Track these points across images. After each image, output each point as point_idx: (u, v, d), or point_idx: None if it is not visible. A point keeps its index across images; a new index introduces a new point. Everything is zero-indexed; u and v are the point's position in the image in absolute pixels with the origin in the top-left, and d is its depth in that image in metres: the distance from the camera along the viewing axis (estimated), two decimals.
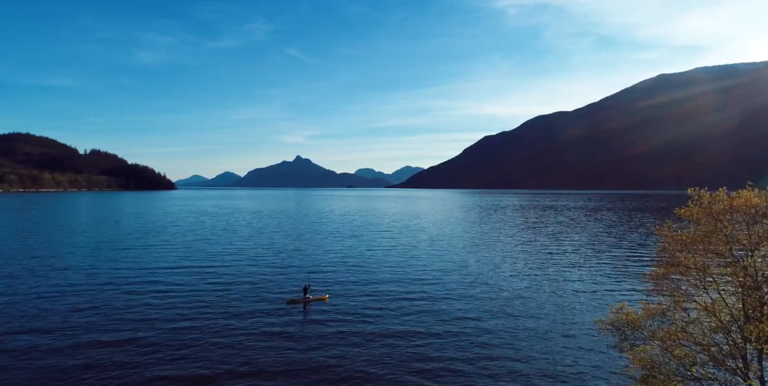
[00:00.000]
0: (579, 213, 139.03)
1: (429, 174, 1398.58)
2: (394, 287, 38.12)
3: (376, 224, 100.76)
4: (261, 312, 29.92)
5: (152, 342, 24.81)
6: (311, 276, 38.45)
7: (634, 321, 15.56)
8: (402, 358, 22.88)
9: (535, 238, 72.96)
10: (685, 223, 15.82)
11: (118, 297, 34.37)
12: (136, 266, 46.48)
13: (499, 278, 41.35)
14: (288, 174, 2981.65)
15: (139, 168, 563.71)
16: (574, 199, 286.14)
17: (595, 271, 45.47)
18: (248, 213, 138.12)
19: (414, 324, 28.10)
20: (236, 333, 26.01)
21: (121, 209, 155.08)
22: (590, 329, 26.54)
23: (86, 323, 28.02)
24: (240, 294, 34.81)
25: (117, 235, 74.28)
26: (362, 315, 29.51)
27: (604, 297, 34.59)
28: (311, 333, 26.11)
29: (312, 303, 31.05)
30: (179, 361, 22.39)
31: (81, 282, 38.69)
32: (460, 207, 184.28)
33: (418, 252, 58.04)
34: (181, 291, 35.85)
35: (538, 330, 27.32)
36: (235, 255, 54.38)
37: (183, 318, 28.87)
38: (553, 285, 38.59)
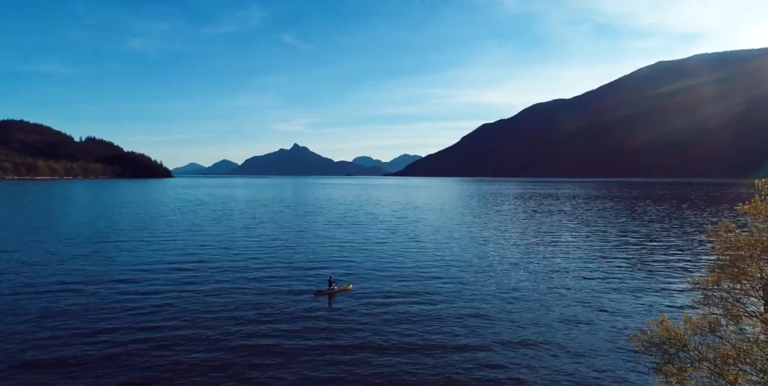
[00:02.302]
0: (581, 202, 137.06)
1: (427, 162, 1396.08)
2: (410, 273, 39.32)
3: (378, 213, 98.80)
4: (291, 304, 29.79)
5: (177, 332, 24.59)
6: (332, 267, 39.32)
7: (678, 338, 13.42)
8: (428, 344, 23.34)
9: (542, 227, 70.91)
10: (733, 219, 13.62)
11: (140, 288, 33.26)
12: (151, 259, 44.69)
13: (514, 271, 39.31)
14: (285, 162, 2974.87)
15: (135, 156, 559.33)
16: (574, 187, 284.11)
17: (610, 264, 43.38)
18: (246, 202, 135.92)
19: (435, 309, 29.13)
20: (267, 324, 26.08)
21: (125, 198, 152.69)
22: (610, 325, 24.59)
23: (111, 314, 27.58)
24: (262, 287, 34.11)
25: (128, 223, 72.10)
26: (385, 303, 30.10)
27: (621, 293, 32.54)
28: (340, 322, 26.39)
29: (337, 293, 31.56)
30: (207, 351, 22.29)
31: (99, 272, 36.62)
32: (461, 196, 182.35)
33: (428, 241, 57.29)
34: (202, 283, 35.18)
35: (569, 321, 26.09)
36: (246, 247, 52.55)
37: (209, 311, 28.36)
38: (571, 274, 36.61)
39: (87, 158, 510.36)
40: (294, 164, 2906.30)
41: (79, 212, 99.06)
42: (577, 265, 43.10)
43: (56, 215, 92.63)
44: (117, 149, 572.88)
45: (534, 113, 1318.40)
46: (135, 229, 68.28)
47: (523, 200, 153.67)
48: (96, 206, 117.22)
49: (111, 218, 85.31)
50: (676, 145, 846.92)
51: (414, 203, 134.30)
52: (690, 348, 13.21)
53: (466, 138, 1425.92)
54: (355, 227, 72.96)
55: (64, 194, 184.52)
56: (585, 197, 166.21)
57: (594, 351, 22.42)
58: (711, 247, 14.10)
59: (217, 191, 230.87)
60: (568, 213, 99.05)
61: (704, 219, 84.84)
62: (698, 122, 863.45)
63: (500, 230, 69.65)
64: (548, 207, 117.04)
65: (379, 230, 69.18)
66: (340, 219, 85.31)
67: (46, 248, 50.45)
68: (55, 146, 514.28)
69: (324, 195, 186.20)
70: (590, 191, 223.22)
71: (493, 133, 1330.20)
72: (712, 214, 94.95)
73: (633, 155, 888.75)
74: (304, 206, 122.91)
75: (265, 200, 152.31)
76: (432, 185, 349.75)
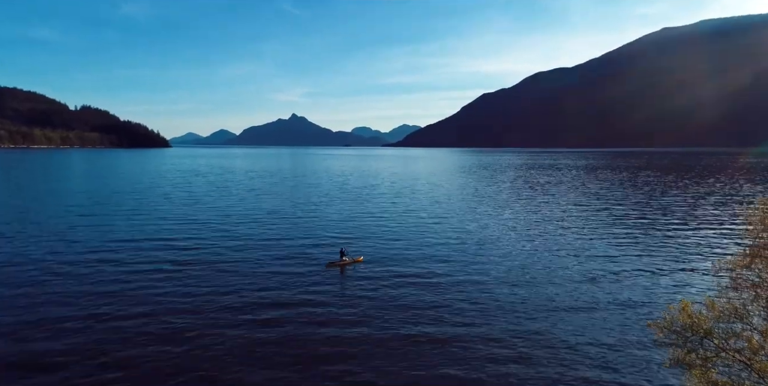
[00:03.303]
0: (582, 173, 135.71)
1: (426, 133, 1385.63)
2: (417, 245, 39.15)
3: (378, 185, 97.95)
4: (303, 275, 29.78)
5: (192, 303, 24.43)
6: (339, 240, 39.53)
7: (702, 325, 12.56)
8: (437, 313, 23.60)
9: (546, 199, 69.94)
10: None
11: (142, 262, 32.39)
12: (150, 231, 43.56)
13: (519, 244, 38.57)
14: (284, 132, 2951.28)
15: (131, 125, 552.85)
16: (575, 158, 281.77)
17: (622, 240, 42.23)
18: (244, 173, 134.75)
19: (443, 277, 29.64)
20: (278, 297, 25.78)
21: (123, 168, 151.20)
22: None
23: (125, 287, 26.97)
24: (268, 260, 33.73)
25: (126, 194, 71.09)
26: (396, 274, 30.17)
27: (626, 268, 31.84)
28: (353, 294, 26.45)
29: (348, 265, 31.78)
30: (215, 326, 21.77)
31: (94, 245, 35.86)
32: (461, 167, 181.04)
33: (432, 213, 56.69)
34: (208, 256, 34.64)
35: (582, 301, 24.94)
36: (248, 219, 51.60)
37: (216, 285, 27.89)
38: (580, 248, 35.91)
39: (82, 127, 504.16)
40: (292, 134, 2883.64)
41: (75, 183, 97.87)
42: (586, 240, 41.77)
43: (52, 185, 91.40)
44: (113, 118, 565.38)
45: (535, 82, 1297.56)
46: (133, 200, 67.29)
47: (525, 171, 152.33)
48: (93, 177, 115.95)
49: (108, 188, 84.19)
50: (678, 114, 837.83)
51: (414, 175, 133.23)
52: (714, 336, 12.39)
53: (466, 108, 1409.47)
54: (356, 199, 72.03)
55: (61, 163, 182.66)
56: (587, 168, 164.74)
57: (608, 337, 20.67)
58: (746, 228, 13.03)
59: (216, 161, 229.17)
60: (571, 184, 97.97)
61: (717, 190, 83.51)
62: (702, 92, 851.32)
63: (503, 202, 68.75)
64: (550, 178, 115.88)
65: (381, 202, 68.28)
66: (341, 191, 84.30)
67: (35, 220, 49.40)
68: (50, 114, 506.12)
69: (323, 166, 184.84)
70: (591, 162, 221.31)
71: (494, 102, 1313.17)
72: (725, 184, 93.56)
73: (634, 125, 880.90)
74: (303, 177, 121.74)
75: (263, 171, 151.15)
76: (432, 156, 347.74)
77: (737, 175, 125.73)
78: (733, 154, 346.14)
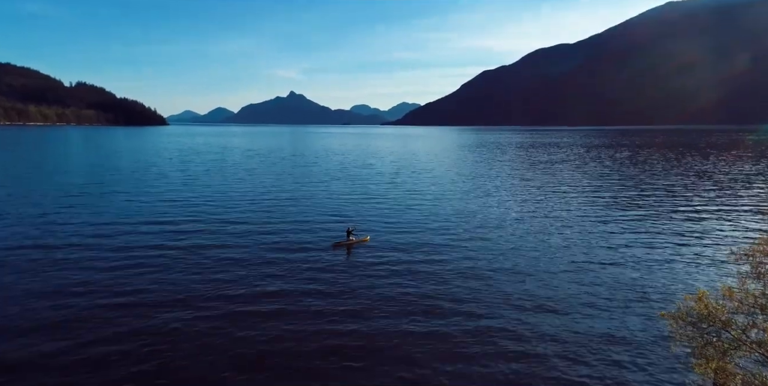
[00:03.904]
0: (583, 151, 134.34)
1: (426, 111, 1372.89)
2: (422, 224, 39.10)
3: (379, 164, 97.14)
4: (310, 254, 29.80)
5: (196, 284, 24.38)
6: (346, 217, 39.71)
7: (720, 316, 12.06)
8: (445, 293, 23.71)
9: (550, 178, 69.18)
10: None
11: (146, 242, 31.94)
12: (151, 212, 42.97)
13: (522, 223, 38.09)
14: (282, 110, 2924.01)
15: (128, 102, 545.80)
16: (577, 136, 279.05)
17: (630, 224, 41.07)
18: (242, 152, 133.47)
19: (451, 259, 29.49)
20: (288, 273, 26.13)
21: (120, 146, 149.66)
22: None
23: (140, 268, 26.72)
24: (273, 240, 33.44)
25: (124, 173, 70.28)
26: (403, 253, 30.28)
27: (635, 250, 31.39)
28: (361, 273, 26.59)
29: (355, 244, 31.80)
30: (223, 306, 21.78)
31: (90, 226, 35.27)
32: (462, 146, 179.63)
33: (434, 193, 56.14)
34: (212, 237, 34.30)
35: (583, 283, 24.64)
36: (249, 199, 51.00)
37: (221, 265, 27.80)
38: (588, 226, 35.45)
39: (78, 104, 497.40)
40: (291, 112, 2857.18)
41: (70, 161, 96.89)
42: (592, 221, 41.09)
43: (47, 163, 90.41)
44: (108, 95, 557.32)
45: (536, 58, 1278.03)
46: (129, 180, 66.55)
47: (525, 149, 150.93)
48: (89, 155, 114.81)
49: (104, 167, 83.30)
50: (680, 91, 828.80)
51: (415, 154, 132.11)
52: (733, 327, 11.92)
53: (467, 85, 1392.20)
54: (357, 178, 71.28)
55: (58, 141, 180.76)
56: (589, 146, 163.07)
57: (617, 328, 19.69)
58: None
59: (214, 139, 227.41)
60: (574, 163, 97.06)
61: (727, 169, 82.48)
62: (704, 69, 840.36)
63: (504, 181, 68.09)
64: (551, 157, 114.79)
65: (382, 181, 67.61)
66: (341, 170, 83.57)
67: (29, 200, 48.61)
68: (45, 90, 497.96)
69: (322, 145, 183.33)
70: (593, 140, 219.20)
71: (494, 80, 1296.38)
72: (734, 163, 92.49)
73: (636, 103, 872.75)
74: (303, 156, 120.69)
75: (262, 150, 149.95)
76: (431, 135, 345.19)
77: (745, 154, 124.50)
78: (739, 131, 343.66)
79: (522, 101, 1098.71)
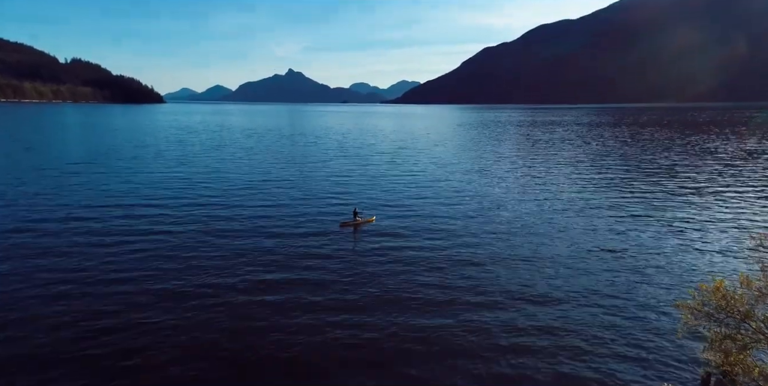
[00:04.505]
0: (584, 129, 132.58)
1: (426, 89, 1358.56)
2: (426, 203, 39.22)
3: (379, 143, 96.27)
4: (317, 234, 29.84)
5: (204, 263, 24.44)
6: (348, 196, 39.80)
7: (738, 307, 11.49)
8: (450, 272, 23.90)
9: (554, 158, 68.23)
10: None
11: (143, 224, 31.36)
12: (154, 192, 42.41)
13: (524, 203, 37.46)
14: (280, 88, 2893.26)
15: (124, 80, 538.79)
16: (579, 114, 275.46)
17: (640, 207, 39.79)
18: (240, 131, 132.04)
19: (455, 238, 29.56)
20: (296, 257, 25.76)
21: (117, 124, 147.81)
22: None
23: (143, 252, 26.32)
24: (281, 220, 33.35)
25: (121, 152, 69.26)
26: (407, 233, 30.50)
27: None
28: (366, 251, 26.90)
29: (362, 225, 32.11)
30: (238, 277, 22.49)
31: (87, 207, 34.68)
32: (463, 125, 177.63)
33: (436, 172, 55.77)
34: (216, 218, 33.88)
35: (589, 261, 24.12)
36: (248, 179, 50.36)
37: (226, 245, 27.67)
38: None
39: (74, 80, 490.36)
40: (289, 90, 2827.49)
41: (65, 139, 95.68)
42: (598, 202, 40.23)
43: (43, 141, 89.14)
44: (104, 72, 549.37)
45: (539, 35, 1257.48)
46: (126, 159, 65.58)
47: (527, 128, 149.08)
48: (85, 133, 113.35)
49: (100, 146, 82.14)
50: (684, 66, 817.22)
51: (415, 133, 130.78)
52: (753, 319, 11.36)
53: (467, 63, 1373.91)
54: (358, 158, 70.35)
55: (53, 118, 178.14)
56: (592, 125, 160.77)
57: (629, 320, 18.61)
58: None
59: (212, 118, 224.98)
60: (576, 142, 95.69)
61: (735, 148, 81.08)
62: (709, 42, 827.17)
63: (506, 160, 67.18)
64: (552, 135, 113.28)
65: (383, 161, 66.86)
66: (341, 150, 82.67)
67: (23, 179, 47.75)
68: (39, 67, 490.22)
69: (321, 124, 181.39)
70: (594, 118, 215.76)
71: (496, 57, 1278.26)
72: (743, 140, 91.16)
73: (641, 78, 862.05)
74: (302, 136, 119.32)
75: (261, 128, 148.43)
76: (432, 114, 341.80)
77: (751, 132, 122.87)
78: (742, 109, 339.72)
79: (523, 79, 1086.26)
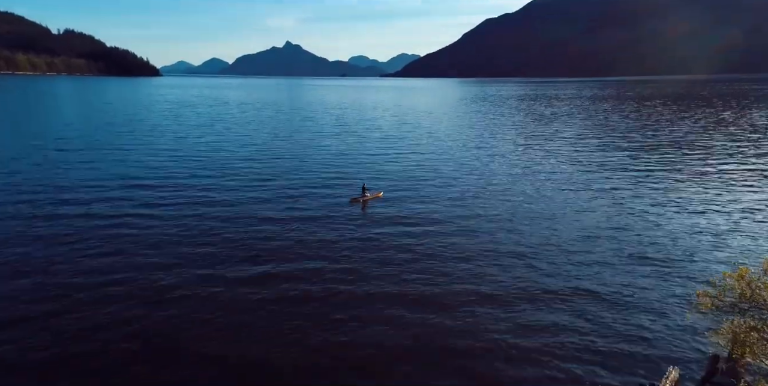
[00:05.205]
0: (587, 103, 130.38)
1: (426, 62, 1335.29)
2: (431, 179, 39.24)
3: (378, 118, 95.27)
4: (328, 210, 30.11)
5: (219, 235, 24.66)
6: (357, 175, 39.71)
7: (763, 296, 10.90)
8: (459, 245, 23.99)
9: (557, 133, 66.99)
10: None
11: (140, 203, 30.75)
12: (183, 166, 42.66)
13: (529, 182, 37.01)
14: (278, 61, 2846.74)
15: (119, 52, 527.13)
16: (583, 88, 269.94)
17: (654, 185, 37.59)
18: (237, 106, 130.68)
19: (462, 212, 29.79)
20: (310, 233, 25.80)
21: (112, 98, 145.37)
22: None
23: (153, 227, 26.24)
24: (289, 197, 33.37)
25: (119, 126, 68.09)
26: (413, 208, 30.64)
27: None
28: (375, 226, 27.07)
29: (370, 200, 32.64)
30: (247, 251, 22.65)
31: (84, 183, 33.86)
32: (465, 99, 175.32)
33: (440, 148, 55.28)
34: (223, 192, 34.06)
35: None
36: (258, 154, 50.11)
37: (236, 220, 27.74)
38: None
39: (67, 52, 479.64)
40: (287, 63, 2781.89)
41: (59, 114, 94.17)
42: (605, 180, 39.05)
43: (36, 115, 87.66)
44: (99, 43, 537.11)
45: (542, 6, 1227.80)
46: (121, 134, 64.60)
47: (528, 102, 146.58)
48: (78, 107, 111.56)
49: (94, 120, 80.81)
50: (688, 39, 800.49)
51: (417, 108, 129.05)
52: None
53: (469, 35, 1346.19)
54: (358, 134, 69.36)
55: (47, 91, 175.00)
56: (596, 99, 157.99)
57: (643, 311, 17.37)
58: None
59: (209, 92, 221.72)
60: (579, 116, 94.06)
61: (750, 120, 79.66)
62: (712, 13, 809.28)
63: (508, 135, 66.27)
64: (554, 110, 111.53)
65: (384, 137, 65.93)
66: (339, 125, 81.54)
67: (13, 155, 46.70)
68: (32, 38, 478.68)
69: (320, 99, 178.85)
70: (597, 92, 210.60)
71: (497, 29, 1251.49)
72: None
73: (643, 50, 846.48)
74: (300, 110, 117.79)
75: (259, 103, 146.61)
76: (432, 87, 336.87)
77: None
78: (745, 81, 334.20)
79: (525, 51, 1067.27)
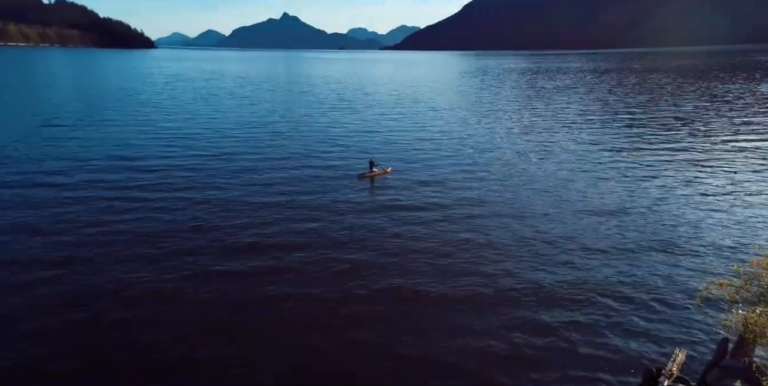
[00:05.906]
0: (591, 76, 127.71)
1: (426, 34, 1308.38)
2: (436, 155, 38.79)
3: (379, 93, 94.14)
4: (338, 185, 30.02)
5: (222, 215, 24.06)
6: (363, 151, 39.45)
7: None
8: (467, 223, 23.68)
9: (562, 108, 65.56)
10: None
11: (134, 182, 29.40)
12: (189, 140, 41.58)
13: (535, 159, 36.40)
14: (275, 34, 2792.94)
15: (112, 23, 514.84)
16: (587, 60, 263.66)
17: (667, 165, 35.97)
18: (233, 80, 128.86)
19: (470, 190, 29.20)
20: (320, 203, 26.14)
21: (110, 71, 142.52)
22: None
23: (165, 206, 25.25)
24: (303, 170, 33.50)
25: (114, 100, 66.63)
26: (422, 183, 30.75)
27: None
28: (384, 201, 27.18)
29: (378, 176, 32.74)
30: (252, 229, 22.18)
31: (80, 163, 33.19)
32: (467, 73, 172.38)
33: (443, 124, 53.94)
34: (226, 171, 33.07)
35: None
36: (258, 130, 48.97)
37: (257, 192, 27.90)
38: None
39: (60, 23, 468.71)
40: (284, 35, 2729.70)
41: (49, 87, 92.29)
42: (613, 155, 38.21)
43: (25, 89, 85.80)
44: (92, 14, 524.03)
45: None
46: (114, 109, 63.81)
47: (531, 75, 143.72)
48: (70, 80, 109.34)
49: (86, 94, 79.29)
50: (702, 7, 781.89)
51: (418, 83, 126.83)
52: None
53: (469, 6, 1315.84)
54: (359, 109, 68.09)
55: (39, 63, 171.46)
56: (597, 71, 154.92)
57: (659, 302, 16.16)
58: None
59: (205, 65, 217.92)
60: (581, 90, 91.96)
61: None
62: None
63: (512, 109, 65.13)
64: (557, 83, 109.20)
65: (387, 112, 64.61)
66: (342, 100, 79.72)
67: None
68: (22, 7, 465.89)
69: (318, 72, 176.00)
70: (600, 64, 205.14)
71: (499, 1, 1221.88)
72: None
73: (646, 23, 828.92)
74: (298, 84, 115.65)
75: (257, 77, 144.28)
76: (433, 61, 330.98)
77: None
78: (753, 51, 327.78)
79: (526, 23, 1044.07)
